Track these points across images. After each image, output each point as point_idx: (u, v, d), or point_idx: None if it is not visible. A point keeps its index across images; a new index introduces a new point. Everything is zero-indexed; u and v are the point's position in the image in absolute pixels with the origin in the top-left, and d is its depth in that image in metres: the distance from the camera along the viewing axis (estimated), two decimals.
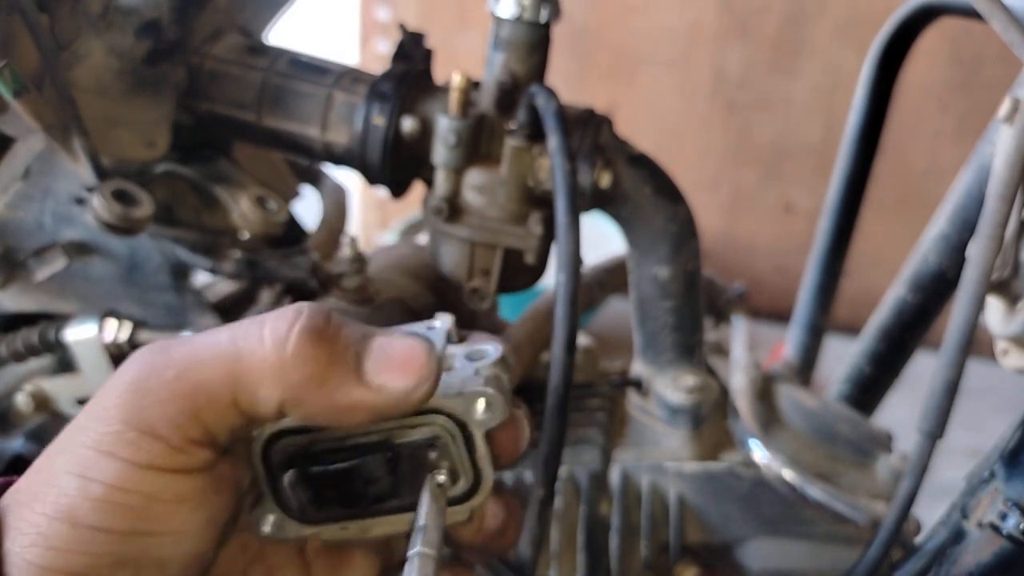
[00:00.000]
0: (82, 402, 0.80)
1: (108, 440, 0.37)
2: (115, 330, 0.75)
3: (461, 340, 0.46)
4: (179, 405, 0.37)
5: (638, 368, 0.84)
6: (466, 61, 0.70)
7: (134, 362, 0.39)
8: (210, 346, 0.38)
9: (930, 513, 0.69)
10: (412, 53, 0.76)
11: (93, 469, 0.36)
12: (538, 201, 0.72)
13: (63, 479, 0.36)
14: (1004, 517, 0.57)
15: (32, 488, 0.37)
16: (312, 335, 0.38)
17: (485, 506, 0.44)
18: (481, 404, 0.42)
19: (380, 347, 0.39)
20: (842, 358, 1.00)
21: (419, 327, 0.44)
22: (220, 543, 0.41)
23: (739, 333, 0.92)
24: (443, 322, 0.45)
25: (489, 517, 0.45)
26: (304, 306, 0.39)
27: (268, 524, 0.42)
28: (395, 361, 0.38)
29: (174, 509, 0.37)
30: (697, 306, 0.79)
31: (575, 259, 0.61)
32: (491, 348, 0.44)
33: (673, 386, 0.81)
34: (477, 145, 0.72)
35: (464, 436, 0.42)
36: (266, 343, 0.37)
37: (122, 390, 0.38)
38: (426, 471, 0.42)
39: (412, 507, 0.41)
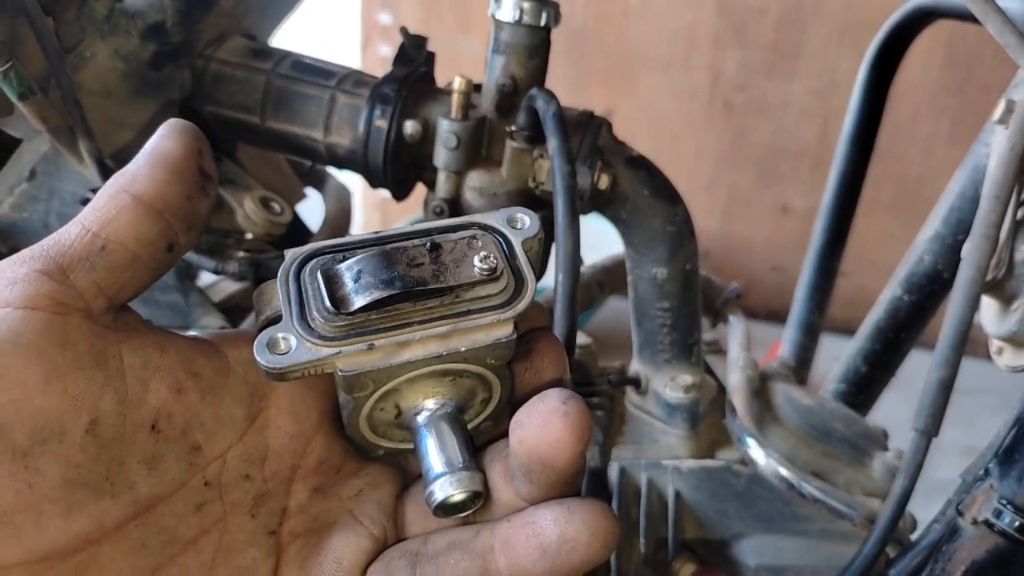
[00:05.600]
0: None
1: None
2: None
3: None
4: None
5: (636, 367, 0.85)
6: (467, 64, 0.71)
7: None
8: None
9: (925, 510, 0.69)
10: (414, 56, 0.77)
11: None
12: (538, 202, 0.73)
13: None
14: (998, 514, 0.58)
15: None
16: None
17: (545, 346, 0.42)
18: (515, 215, 0.42)
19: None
20: (837, 357, 1.01)
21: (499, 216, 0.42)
22: (95, 434, 0.36)
23: (736, 332, 0.92)
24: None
25: (543, 356, 0.41)
26: None
27: (273, 348, 0.37)
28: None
29: (8, 351, 0.34)
30: (695, 306, 0.80)
31: (574, 259, 0.61)
32: (529, 218, 0.42)
33: (671, 385, 0.82)
34: (478, 147, 0.72)
35: (503, 244, 0.41)
36: None
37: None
38: (469, 262, 0.39)
39: (452, 316, 0.38)
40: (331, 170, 0.99)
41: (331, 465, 0.42)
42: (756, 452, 0.77)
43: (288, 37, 0.89)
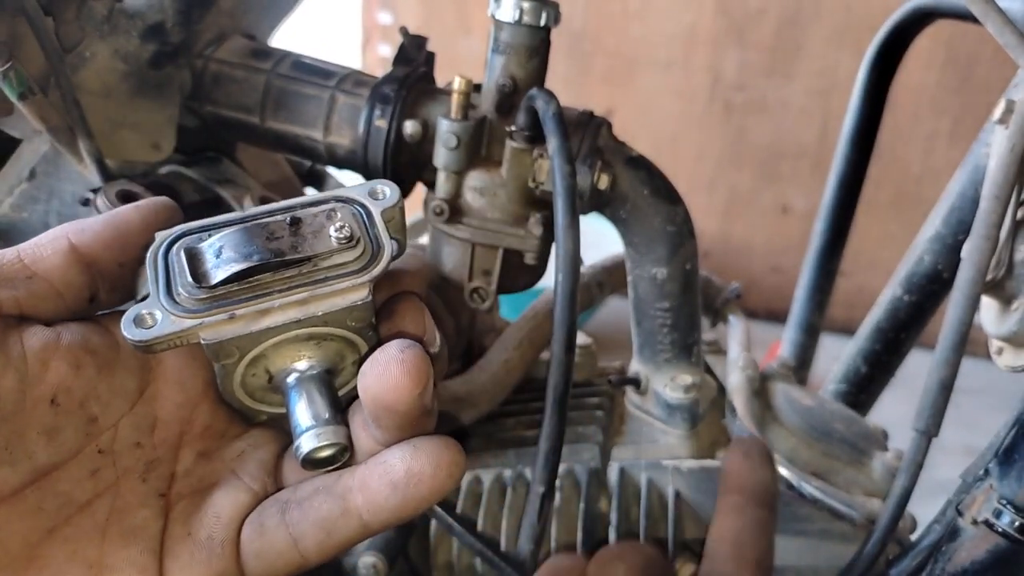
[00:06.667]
0: None
1: None
2: None
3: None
4: None
5: (636, 367, 0.85)
6: (467, 64, 0.71)
7: None
8: None
9: (925, 510, 0.69)
10: (413, 56, 0.77)
11: None
12: (538, 202, 0.73)
13: None
14: (998, 514, 0.58)
15: None
16: None
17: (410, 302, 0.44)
18: (376, 187, 0.45)
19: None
20: (837, 357, 1.01)
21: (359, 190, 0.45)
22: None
23: (736, 332, 0.92)
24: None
25: (403, 317, 0.44)
26: None
27: (139, 323, 0.40)
28: None
29: None
30: (694, 306, 0.80)
31: (574, 259, 0.61)
32: (389, 190, 0.45)
33: (671, 385, 0.82)
34: (478, 147, 0.72)
35: (363, 215, 0.44)
36: None
37: None
38: (326, 233, 0.42)
39: (310, 283, 0.41)
40: (331, 170, 0.99)
41: (215, 431, 0.46)
42: None
43: (288, 37, 0.89)
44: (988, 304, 0.71)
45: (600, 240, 1.41)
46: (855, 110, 1.02)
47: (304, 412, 0.42)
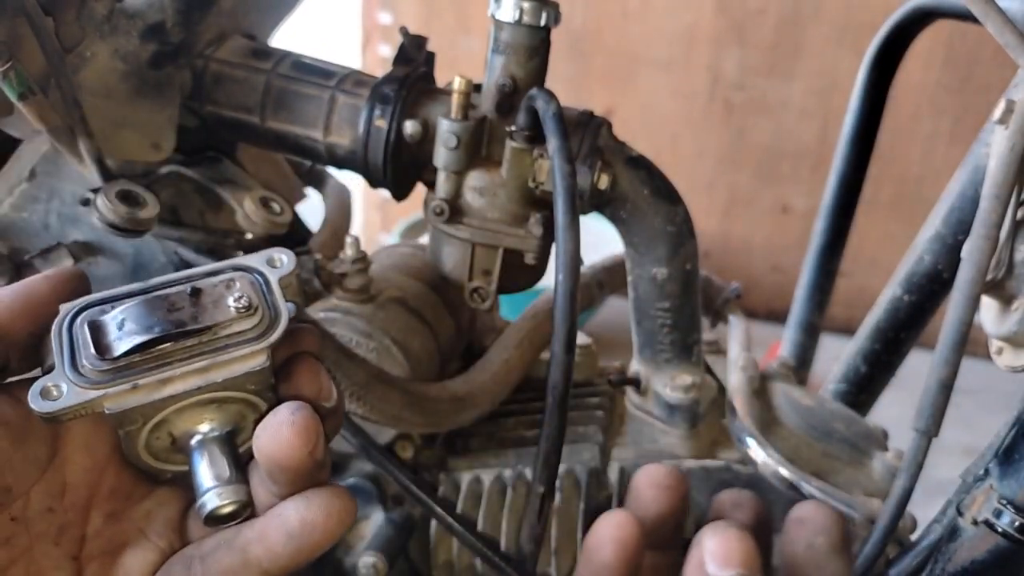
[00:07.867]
0: None
1: None
2: None
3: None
4: None
5: (636, 367, 0.85)
6: (467, 64, 0.71)
7: None
8: None
9: (925, 511, 0.69)
10: (413, 56, 0.77)
11: None
12: (538, 202, 0.73)
13: None
14: (999, 514, 0.58)
15: None
16: None
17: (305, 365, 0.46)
18: (273, 255, 0.47)
19: None
20: (837, 357, 1.01)
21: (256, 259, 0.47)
22: None
23: (736, 332, 0.92)
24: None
25: (299, 377, 0.46)
26: None
27: (46, 395, 0.41)
28: None
29: None
30: (695, 306, 0.80)
31: (574, 259, 0.61)
32: (286, 257, 0.47)
33: (671, 385, 0.82)
34: (478, 147, 0.72)
35: (261, 283, 0.45)
36: None
37: None
38: (226, 301, 0.44)
39: (209, 352, 0.43)
40: (331, 170, 0.99)
41: (122, 492, 0.47)
42: (756, 452, 0.77)
43: (288, 37, 0.89)
44: (988, 304, 0.70)
45: (600, 240, 1.41)
46: (855, 110, 1.02)
47: (207, 473, 0.44)
